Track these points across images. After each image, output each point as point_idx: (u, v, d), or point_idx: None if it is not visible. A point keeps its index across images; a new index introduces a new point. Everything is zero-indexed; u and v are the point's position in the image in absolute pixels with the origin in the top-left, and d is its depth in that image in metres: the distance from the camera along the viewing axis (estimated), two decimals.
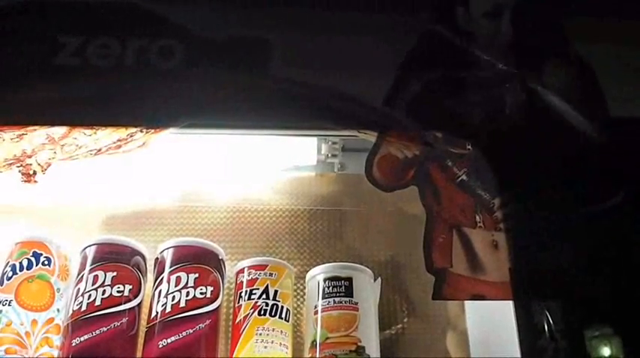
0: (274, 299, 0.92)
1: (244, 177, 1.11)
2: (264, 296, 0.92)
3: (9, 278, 0.89)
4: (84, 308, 0.87)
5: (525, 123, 0.88)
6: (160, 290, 0.89)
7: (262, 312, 0.91)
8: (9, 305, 0.87)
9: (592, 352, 0.77)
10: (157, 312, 0.88)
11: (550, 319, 0.79)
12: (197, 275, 0.90)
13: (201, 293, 0.89)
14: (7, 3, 0.86)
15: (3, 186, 0.99)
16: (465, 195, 0.88)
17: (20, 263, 0.91)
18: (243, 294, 0.93)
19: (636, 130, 0.86)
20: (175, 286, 0.89)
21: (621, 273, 0.81)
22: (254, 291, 0.93)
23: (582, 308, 0.81)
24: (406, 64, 0.89)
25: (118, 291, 0.88)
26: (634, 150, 0.84)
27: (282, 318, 0.92)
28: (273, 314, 0.91)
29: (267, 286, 0.93)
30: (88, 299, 0.87)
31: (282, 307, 0.92)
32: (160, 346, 0.85)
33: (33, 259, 0.91)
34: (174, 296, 0.88)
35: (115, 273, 0.90)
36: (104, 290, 0.88)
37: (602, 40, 0.90)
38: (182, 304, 0.87)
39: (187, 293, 0.88)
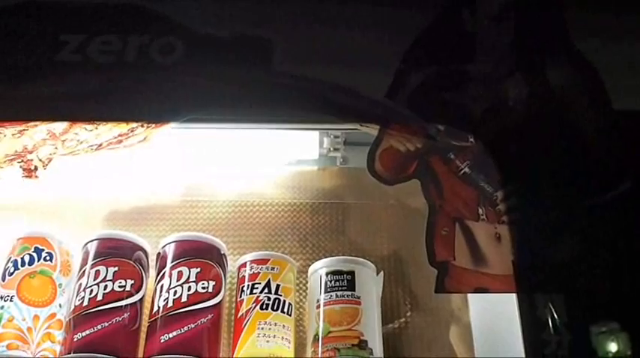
0: (276, 293, 0.92)
1: (246, 171, 1.10)
2: (266, 290, 0.92)
3: (11, 274, 0.90)
4: (86, 303, 0.87)
5: (528, 116, 0.87)
6: (162, 285, 0.89)
7: (264, 306, 0.91)
8: (11, 300, 0.87)
9: (599, 348, 0.76)
10: (159, 307, 0.88)
11: (554, 312, 0.78)
12: (199, 269, 0.90)
13: (203, 288, 0.89)
14: (9, 2, 0.86)
15: (4, 182, 0.99)
16: (468, 187, 0.87)
17: (22, 258, 0.91)
18: (245, 288, 0.93)
19: (638, 123, 0.85)
20: (177, 281, 0.89)
21: (627, 267, 0.81)
22: (256, 285, 0.92)
23: (586, 301, 0.80)
24: (408, 56, 0.88)
25: (119, 286, 0.88)
26: (636, 142, 0.84)
27: (284, 312, 0.91)
28: (275, 308, 0.91)
29: (269, 280, 0.93)
30: (90, 294, 0.87)
31: (285, 301, 0.92)
32: (162, 341, 0.85)
33: (35, 255, 0.91)
34: (176, 291, 0.88)
35: (116, 268, 0.90)
36: (106, 286, 0.88)
37: (604, 33, 0.90)
38: (184, 299, 0.87)
39: (189, 288, 0.88)
